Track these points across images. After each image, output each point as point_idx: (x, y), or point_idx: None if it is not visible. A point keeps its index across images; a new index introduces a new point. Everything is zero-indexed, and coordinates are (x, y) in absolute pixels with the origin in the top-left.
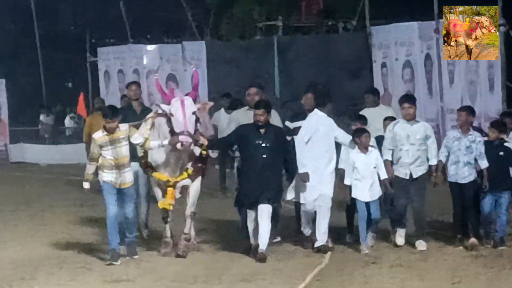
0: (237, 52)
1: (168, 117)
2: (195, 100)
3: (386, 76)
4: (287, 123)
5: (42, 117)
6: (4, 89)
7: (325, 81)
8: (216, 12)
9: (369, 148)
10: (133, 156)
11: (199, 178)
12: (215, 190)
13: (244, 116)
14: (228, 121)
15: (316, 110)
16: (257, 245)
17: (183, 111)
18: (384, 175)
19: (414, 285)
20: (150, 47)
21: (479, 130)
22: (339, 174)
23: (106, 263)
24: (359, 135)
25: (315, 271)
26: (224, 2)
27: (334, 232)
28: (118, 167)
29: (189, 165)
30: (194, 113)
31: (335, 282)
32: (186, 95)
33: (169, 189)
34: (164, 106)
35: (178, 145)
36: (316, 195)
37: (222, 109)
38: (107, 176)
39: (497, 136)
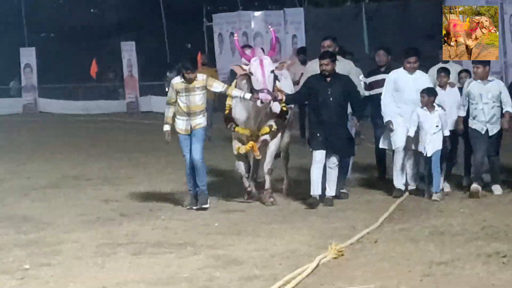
0: (331, 18)
1: (248, 75)
2: (273, 59)
3: None
4: (362, 77)
5: (168, 73)
6: (134, 51)
7: (405, 42)
8: None
9: (436, 107)
10: None
11: (279, 136)
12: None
13: (317, 65)
14: (304, 72)
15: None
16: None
17: (262, 70)
18: (446, 133)
19: (483, 214)
20: (257, 13)
21: None
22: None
23: (186, 207)
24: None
25: (397, 202)
26: None
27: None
28: (189, 114)
29: (272, 121)
30: (272, 71)
31: (415, 212)
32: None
33: (250, 143)
34: (244, 66)
35: (258, 102)
36: (406, 134)
37: (297, 63)
38: (179, 124)
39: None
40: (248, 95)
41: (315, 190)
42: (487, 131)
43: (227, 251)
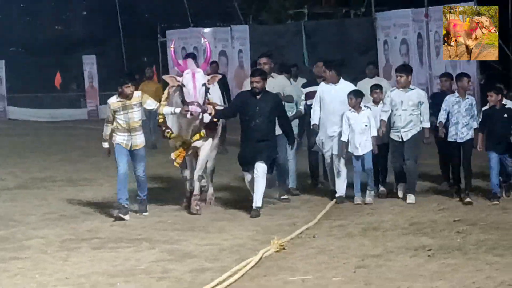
0: (274, 34)
1: (180, 87)
2: (205, 72)
3: (387, 51)
4: (301, 89)
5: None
6: (95, 64)
7: (340, 56)
8: (257, 2)
9: (362, 108)
10: None
11: (210, 144)
12: None
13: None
14: (244, 87)
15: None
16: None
17: (194, 83)
18: (373, 133)
19: (411, 212)
20: (206, 30)
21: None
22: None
23: (114, 216)
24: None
25: (333, 201)
26: None
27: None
28: (129, 130)
29: (202, 129)
30: (204, 84)
31: (350, 210)
32: (198, 67)
33: (180, 150)
34: (178, 78)
35: (188, 115)
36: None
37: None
38: (119, 138)
39: (496, 99)
40: (178, 110)
41: (257, 202)
42: (402, 137)
43: (180, 245)
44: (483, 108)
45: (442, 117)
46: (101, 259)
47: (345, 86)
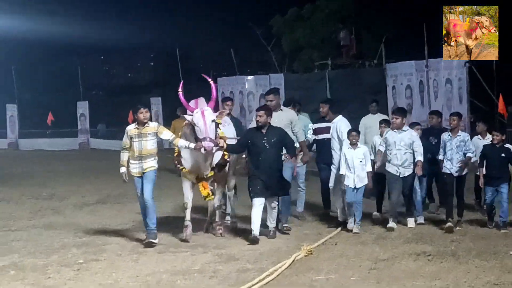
0: (303, 81)
1: (191, 125)
2: (214, 110)
3: (395, 95)
4: (310, 124)
5: None
6: (160, 104)
7: (356, 99)
8: (290, 55)
9: (359, 144)
10: None
11: (226, 178)
12: None
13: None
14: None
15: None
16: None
17: (204, 120)
18: (369, 169)
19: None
20: (249, 77)
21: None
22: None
23: (143, 242)
24: (348, 134)
25: (334, 233)
26: (295, 49)
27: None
28: (141, 158)
29: (213, 166)
30: (213, 121)
31: (364, 223)
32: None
33: (201, 183)
34: (188, 117)
35: (202, 150)
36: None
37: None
38: (132, 166)
39: (500, 139)
40: (192, 145)
41: (255, 230)
42: (400, 173)
43: (227, 250)
44: (483, 144)
45: (441, 155)
46: (164, 260)
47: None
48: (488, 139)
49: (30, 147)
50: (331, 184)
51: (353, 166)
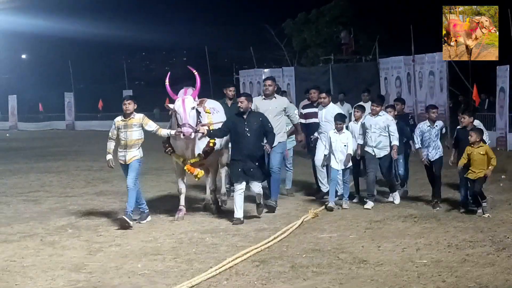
0: (310, 73)
1: (175, 112)
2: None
3: (387, 85)
4: (301, 109)
5: None
6: None
7: (354, 88)
8: (299, 52)
9: (344, 130)
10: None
11: (216, 161)
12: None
13: (260, 103)
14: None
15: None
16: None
17: (184, 107)
18: (349, 151)
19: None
20: (266, 70)
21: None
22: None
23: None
24: (335, 120)
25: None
26: (303, 46)
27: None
28: (126, 146)
29: (200, 151)
30: (193, 108)
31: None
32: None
33: (187, 166)
34: (170, 105)
35: (181, 135)
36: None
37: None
38: (119, 154)
39: (469, 121)
40: (173, 132)
41: (239, 213)
42: (375, 154)
43: (248, 213)
44: (458, 127)
45: (417, 144)
46: (195, 222)
47: (332, 108)
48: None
49: (84, 128)
50: (319, 163)
51: (337, 149)
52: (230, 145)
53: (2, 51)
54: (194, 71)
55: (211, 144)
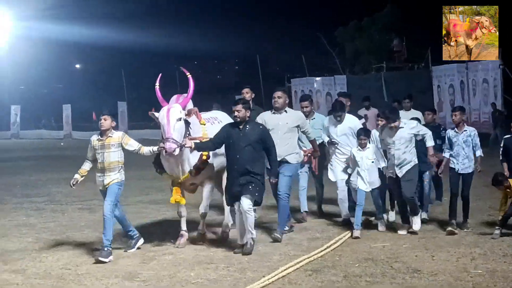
0: (363, 81)
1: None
2: (186, 107)
3: (439, 92)
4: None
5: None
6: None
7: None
8: (351, 60)
9: (367, 144)
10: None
11: (210, 181)
12: None
13: (268, 118)
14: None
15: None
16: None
17: (168, 119)
18: (382, 164)
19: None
20: (317, 78)
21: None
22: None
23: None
24: (358, 136)
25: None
26: (355, 54)
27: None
28: (104, 170)
29: (190, 168)
30: (179, 119)
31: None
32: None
33: (175, 187)
34: (156, 114)
35: (163, 152)
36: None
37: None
38: (97, 178)
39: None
40: (155, 148)
41: (241, 238)
42: (397, 175)
43: (301, 223)
44: (505, 136)
45: (446, 152)
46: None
47: (351, 120)
48: None
49: (137, 136)
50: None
51: (363, 167)
52: None
53: (56, 61)
54: (188, 73)
55: (204, 157)
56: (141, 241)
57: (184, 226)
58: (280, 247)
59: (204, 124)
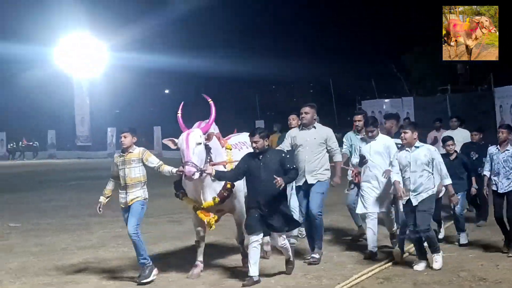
0: (428, 102)
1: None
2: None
3: (502, 113)
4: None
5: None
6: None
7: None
8: (417, 82)
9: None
10: None
11: (238, 207)
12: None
13: (297, 134)
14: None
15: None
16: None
17: (187, 143)
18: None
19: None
20: (386, 100)
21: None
22: None
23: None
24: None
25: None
26: (421, 77)
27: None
28: (126, 187)
29: (214, 194)
30: (199, 143)
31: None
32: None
33: (198, 212)
34: (168, 141)
35: (183, 176)
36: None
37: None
38: (119, 198)
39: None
40: (175, 170)
41: (252, 270)
42: (412, 203)
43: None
44: None
45: (486, 170)
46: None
47: (383, 140)
48: None
49: None
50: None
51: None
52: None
53: (148, 87)
54: (209, 99)
55: (228, 186)
56: (155, 271)
57: (200, 256)
58: (353, 257)
59: (230, 149)
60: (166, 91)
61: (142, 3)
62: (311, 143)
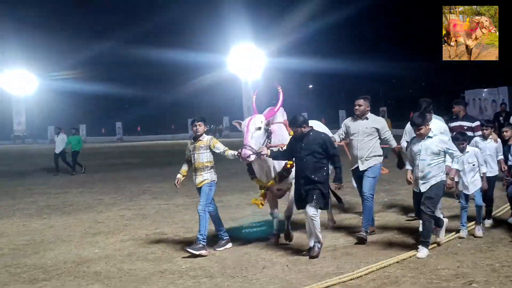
0: None
1: None
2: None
3: None
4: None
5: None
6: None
7: None
8: None
9: (468, 148)
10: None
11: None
12: None
13: (350, 123)
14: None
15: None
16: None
17: (248, 128)
18: (483, 170)
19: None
20: (485, 90)
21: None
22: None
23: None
24: (456, 140)
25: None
26: None
27: None
28: (196, 170)
29: (275, 174)
30: (259, 128)
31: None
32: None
33: (261, 191)
34: (236, 123)
35: (240, 158)
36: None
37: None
38: (193, 178)
39: None
40: (236, 152)
41: (311, 241)
42: (420, 190)
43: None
44: None
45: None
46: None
47: (437, 125)
48: None
49: None
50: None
51: (466, 170)
52: None
53: (296, 83)
54: (279, 87)
55: (288, 166)
56: (230, 244)
57: (275, 225)
58: (389, 245)
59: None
60: (310, 86)
61: (293, 17)
62: (362, 132)
